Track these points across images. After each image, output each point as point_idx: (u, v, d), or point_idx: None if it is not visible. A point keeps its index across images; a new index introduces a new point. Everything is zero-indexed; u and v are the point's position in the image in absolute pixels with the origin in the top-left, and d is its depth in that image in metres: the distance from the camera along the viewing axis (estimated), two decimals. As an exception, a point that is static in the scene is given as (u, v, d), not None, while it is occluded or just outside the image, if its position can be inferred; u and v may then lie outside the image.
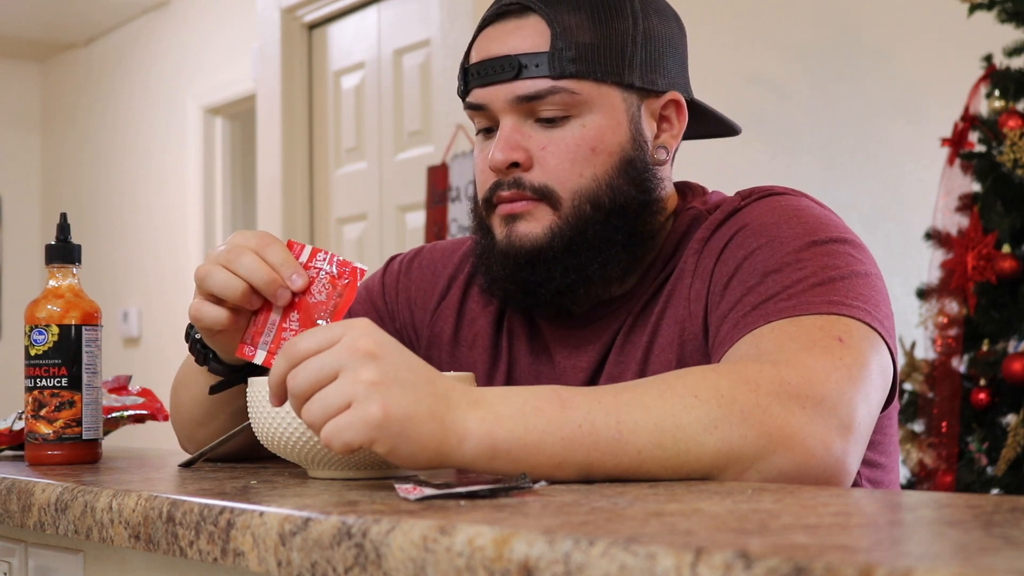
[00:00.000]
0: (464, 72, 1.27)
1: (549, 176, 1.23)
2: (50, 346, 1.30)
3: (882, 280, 1.18)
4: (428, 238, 3.89)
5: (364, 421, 0.89)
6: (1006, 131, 2.72)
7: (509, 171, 1.23)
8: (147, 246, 5.82)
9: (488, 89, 1.24)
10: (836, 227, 1.19)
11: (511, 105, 1.23)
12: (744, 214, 1.23)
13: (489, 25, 1.26)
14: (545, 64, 1.21)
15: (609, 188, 1.23)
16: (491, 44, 1.25)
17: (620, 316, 1.28)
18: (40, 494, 1.08)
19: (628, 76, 1.23)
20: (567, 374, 1.29)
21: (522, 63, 1.22)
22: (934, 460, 2.79)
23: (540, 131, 1.23)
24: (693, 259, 1.24)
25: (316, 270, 1.11)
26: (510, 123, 1.23)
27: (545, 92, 1.21)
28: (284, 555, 0.81)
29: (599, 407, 0.95)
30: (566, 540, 0.66)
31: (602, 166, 1.23)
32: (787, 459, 0.98)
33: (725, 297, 1.17)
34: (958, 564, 0.56)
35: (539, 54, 1.21)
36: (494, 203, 1.26)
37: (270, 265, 1.10)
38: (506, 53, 1.23)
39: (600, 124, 1.23)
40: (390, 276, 1.46)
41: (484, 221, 1.28)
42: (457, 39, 3.85)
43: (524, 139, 1.23)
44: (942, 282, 2.84)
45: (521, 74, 1.22)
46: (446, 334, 1.39)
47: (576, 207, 1.23)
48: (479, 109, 1.26)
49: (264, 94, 4.72)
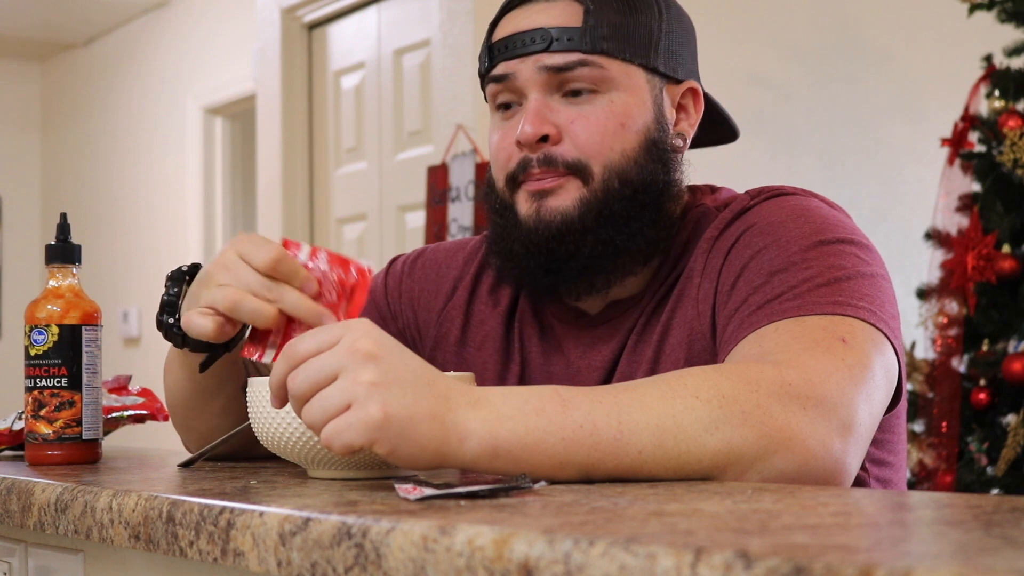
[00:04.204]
0: (489, 49, 1.27)
1: (581, 150, 1.22)
2: (50, 346, 1.30)
3: (889, 281, 1.18)
4: (428, 238, 3.89)
5: (364, 422, 0.89)
6: (1006, 131, 2.72)
7: (538, 146, 1.23)
8: (147, 246, 5.82)
9: (516, 60, 1.24)
10: (844, 228, 1.19)
11: (540, 75, 1.23)
12: (753, 213, 1.23)
13: (516, 7, 1.26)
14: (577, 38, 1.22)
15: (636, 165, 1.24)
16: (520, 21, 1.25)
17: (632, 315, 1.28)
18: (40, 494, 1.08)
19: (654, 60, 1.25)
20: (581, 373, 1.29)
21: (553, 36, 1.22)
22: (934, 460, 2.79)
23: (568, 106, 1.23)
24: (702, 258, 1.24)
25: (321, 272, 1.10)
26: (537, 96, 1.23)
27: (575, 64, 1.22)
28: (284, 555, 0.81)
29: (600, 407, 0.95)
30: (566, 540, 0.66)
31: (630, 142, 1.24)
32: (787, 460, 0.98)
33: (732, 296, 1.18)
34: (958, 564, 0.56)
35: (571, 28, 1.22)
36: (520, 181, 1.25)
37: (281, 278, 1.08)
38: (537, 26, 1.23)
39: (627, 102, 1.24)
40: (393, 277, 1.46)
41: (505, 200, 1.27)
42: (457, 39, 3.85)
43: (552, 113, 1.23)
44: (942, 282, 2.84)
45: (552, 46, 1.22)
46: (453, 335, 1.38)
47: (606, 181, 1.23)
48: (503, 80, 1.25)
49: (264, 94, 4.72)
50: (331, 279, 1.10)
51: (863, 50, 3.50)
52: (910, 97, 3.39)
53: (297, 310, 1.08)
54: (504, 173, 1.26)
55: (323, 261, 1.10)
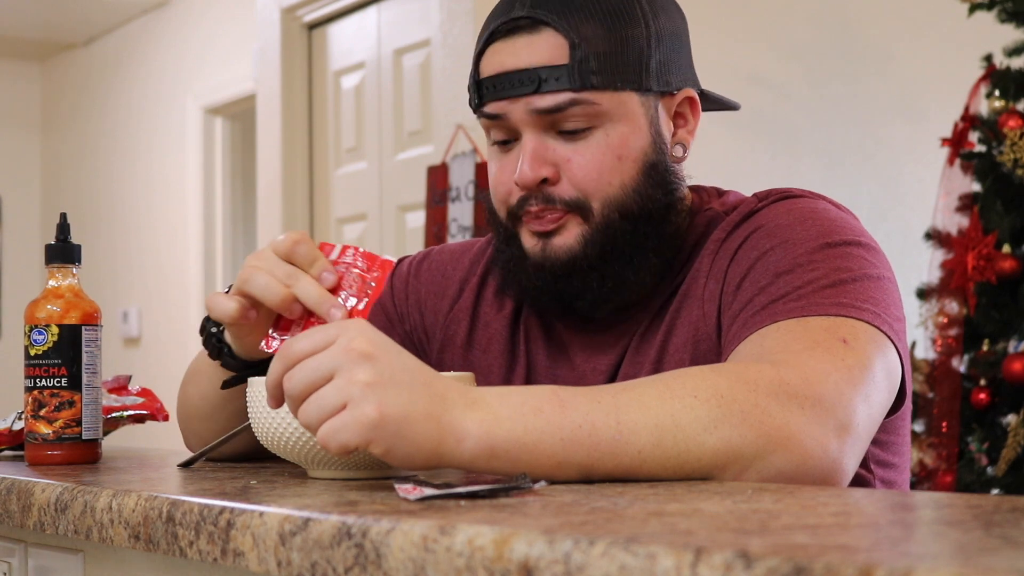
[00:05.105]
0: (477, 85, 1.25)
1: (579, 188, 1.22)
2: (50, 346, 1.30)
3: (895, 284, 1.18)
4: (428, 238, 3.89)
5: (359, 422, 0.89)
6: (1006, 131, 2.72)
7: (538, 187, 1.22)
8: (147, 246, 5.82)
9: (506, 102, 1.22)
10: (851, 230, 1.19)
11: (532, 118, 1.21)
12: (760, 216, 1.23)
13: (499, 40, 1.23)
14: (565, 77, 1.19)
15: (636, 194, 1.23)
16: (505, 58, 1.22)
17: (638, 318, 1.28)
18: (40, 494, 1.08)
19: (646, 81, 1.23)
20: (587, 376, 1.28)
21: (541, 77, 1.20)
22: (934, 460, 2.79)
23: (563, 144, 1.22)
24: (709, 260, 1.24)
25: (345, 265, 1.11)
26: (533, 138, 1.22)
27: (566, 104, 1.20)
28: (284, 555, 0.81)
29: (598, 407, 0.95)
30: (566, 540, 0.66)
31: (628, 173, 1.23)
32: (785, 459, 0.98)
33: (737, 297, 1.18)
34: (958, 564, 0.56)
35: (558, 67, 1.20)
36: (521, 216, 1.25)
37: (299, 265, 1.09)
38: (523, 66, 1.21)
39: (623, 132, 1.22)
40: (399, 279, 1.45)
41: (509, 231, 1.27)
42: (457, 39, 3.85)
43: (549, 153, 1.22)
44: (942, 282, 2.84)
45: (541, 88, 1.20)
46: (459, 337, 1.38)
47: (606, 216, 1.22)
48: (496, 119, 1.24)
49: (264, 94, 4.72)
50: (353, 275, 1.10)
51: (863, 50, 3.50)
52: (910, 97, 3.39)
53: (308, 297, 1.07)
54: (505, 208, 1.26)
55: (350, 256, 1.11)
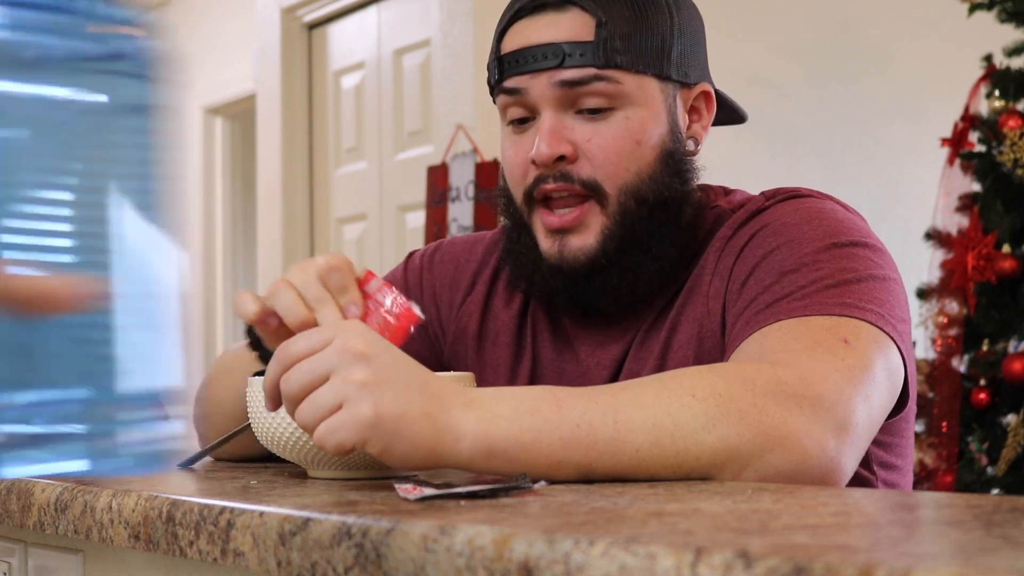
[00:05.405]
0: (499, 61, 1.24)
1: (596, 170, 1.21)
2: (50, 346, 1.30)
3: (901, 285, 1.18)
4: (428, 238, 3.89)
5: (356, 421, 0.89)
6: (1006, 131, 2.72)
7: (555, 165, 1.22)
8: (147, 246, 5.81)
9: (528, 76, 1.22)
10: (858, 231, 1.19)
11: (553, 91, 1.21)
12: (767, 214, 1.23)
13: (525, 17, 1.23)
14: (589, 53, 1.20)
15: (652, 182, 1.23)
16: (530, 34, 1.22)
17: (643, 313, 1.28)
18: (40, 494, 1.08)
19: (667, 69, 1.23)
20: (591, 370, 1.28)
21: (566, 51, 1.20)
22: (934, 460, 2.79)
23: (583, 123, 1.22)
24: (714, 257, 1.24)
25: (375, 304, 1.07)
26: (552, 115, 1.22)
27: (590, 78, 1.20)
28: (284, 555, 0.81)
29: (596, 407, 0.95)
30: (566, 540, 0.66)
31: (645, 159, 1.22)
32: (783, 458, 0.98)
33: (742, 295, 1.18)
34: (958, 564, 0.56)
35: (583, 43, 1.20)
36: (535, 197, 1.24)
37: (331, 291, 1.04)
38: (548, 41, 1.21)
39: (643, 116, 1.22)
40: (412, 273, 1.44)
41: (523, 219, 1.26)
42: (457, 39, 3.85)
43: (568, 131, 1.21)
44: (942, 282, 2.84)
45: (565, 62, 1.20)
46: (471, 329, 1.38)
47: (622, 203, 1.22)
48: (515, 94, 1.23)
49: (264, 94, 4.72)
50: (379, 314, 1.06)
51: (863, 50, 3.50)
52: (910, 97, 3.39)
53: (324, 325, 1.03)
54: (521, 190, 1.25)
55: (387, 300, 1.06)
